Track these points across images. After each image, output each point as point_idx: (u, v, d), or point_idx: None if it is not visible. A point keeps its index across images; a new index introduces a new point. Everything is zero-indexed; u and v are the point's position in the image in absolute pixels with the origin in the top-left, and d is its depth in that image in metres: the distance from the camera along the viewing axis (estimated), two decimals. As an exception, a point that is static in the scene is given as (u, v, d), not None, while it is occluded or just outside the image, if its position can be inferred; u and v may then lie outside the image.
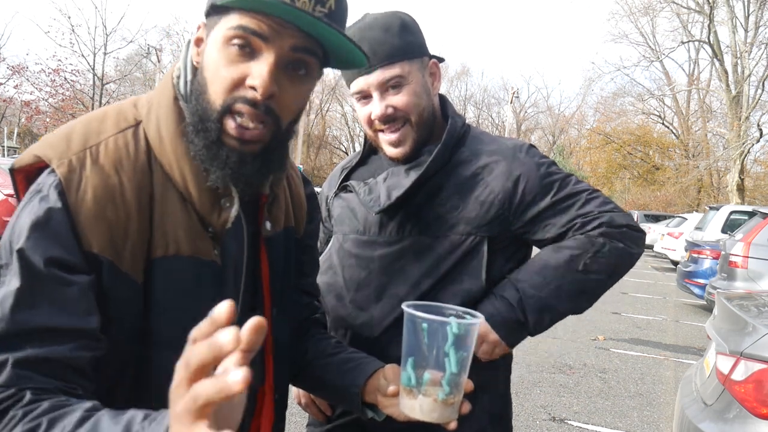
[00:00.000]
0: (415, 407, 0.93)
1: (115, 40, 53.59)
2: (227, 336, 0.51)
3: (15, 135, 31.67)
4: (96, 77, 28.16)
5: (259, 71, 0.80)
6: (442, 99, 1.41)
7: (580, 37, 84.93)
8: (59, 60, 27.68)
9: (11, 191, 8.37)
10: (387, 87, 1.26)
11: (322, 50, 0.86)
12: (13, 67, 27.02)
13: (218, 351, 0.51)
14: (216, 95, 0.81)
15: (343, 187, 1.43)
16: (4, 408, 0.71)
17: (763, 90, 22.67)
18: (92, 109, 10.76)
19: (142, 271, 0.81)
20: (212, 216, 0.86)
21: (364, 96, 1.29)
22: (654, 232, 19.28)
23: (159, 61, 31.07)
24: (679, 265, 10.31)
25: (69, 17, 31.60)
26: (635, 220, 1.34)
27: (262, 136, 0.83)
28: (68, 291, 0.75)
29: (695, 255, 9.32)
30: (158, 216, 0.82)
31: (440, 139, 1.31)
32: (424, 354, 0.93)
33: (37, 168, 0.83)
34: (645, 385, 5.17)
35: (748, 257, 7.32)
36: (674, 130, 36.03)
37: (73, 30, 29.51)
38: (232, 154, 0.83)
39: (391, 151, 1.32)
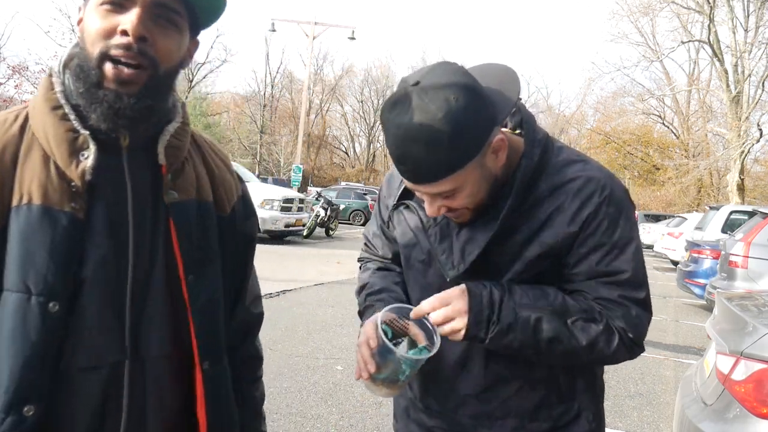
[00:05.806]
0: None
1: (115, 40, 53.45)
2: None
3: (15, 135, 31.64)
4: (96, 77, 28.11)
5: (128, 18, 0.93)
6: (525, 123, 1.24)
7: (580, 37, 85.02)
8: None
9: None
10: (437, 196, 1.15)
11: (185, 8, 0.99)
12: (13, 67, 27.06)
13: None
14: (93, 46, 0.94)
15: (405, 204, 1.32)
16: None
17: (763, 90, 22.69)
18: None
19: (2, 220, 0.92)
20: (70, 168, 0.95)
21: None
22: (654, 232, 19.29)
23: (159, 61, 30.87)
24: (679, 265, 10.32)
25: (69, 17, 31.63)
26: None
27: (138, 77, 0.94)
28: None
29: (695, 255, 9.32)
30: (19, 171, 0.94)
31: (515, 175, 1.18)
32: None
33: None
34: (645, 385, 5.17)
35: (748, 257, 7.33)
36: (674, 130, 36.08)
37: (73, 30, 29.48)
38: (109, 93, 0.94)
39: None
